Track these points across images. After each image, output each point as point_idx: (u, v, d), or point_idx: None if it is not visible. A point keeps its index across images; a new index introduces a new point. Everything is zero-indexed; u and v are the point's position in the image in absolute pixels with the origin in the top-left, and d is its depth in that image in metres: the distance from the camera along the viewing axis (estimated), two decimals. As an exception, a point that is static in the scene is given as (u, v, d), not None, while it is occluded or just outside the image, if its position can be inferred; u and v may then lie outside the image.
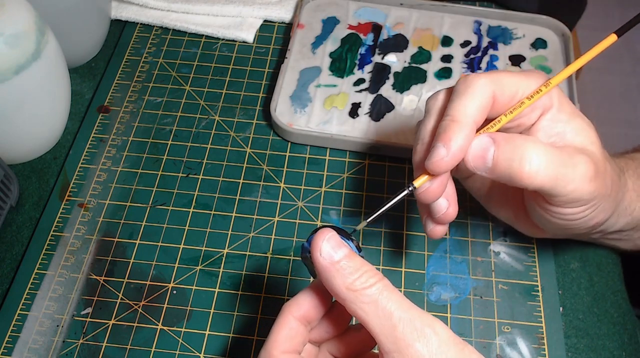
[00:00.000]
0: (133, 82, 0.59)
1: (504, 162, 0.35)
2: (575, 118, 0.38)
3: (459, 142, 0.35)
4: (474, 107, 0.35)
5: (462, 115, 0.35)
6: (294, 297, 0.34)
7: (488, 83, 0.36)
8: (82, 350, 0.44)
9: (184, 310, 0.46)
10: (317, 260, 0.31)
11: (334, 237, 0.31)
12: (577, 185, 0.36)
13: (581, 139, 0.37)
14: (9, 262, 0.48)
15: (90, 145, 0.55)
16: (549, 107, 0.37)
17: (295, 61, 0.59)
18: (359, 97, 0.57)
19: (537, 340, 0.45)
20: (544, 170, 0.35)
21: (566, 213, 0.38)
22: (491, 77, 0.36)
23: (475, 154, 0.36)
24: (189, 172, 0.53)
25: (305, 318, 0.33)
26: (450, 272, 0.48)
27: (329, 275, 0.31)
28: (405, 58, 0.60)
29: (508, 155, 0.35)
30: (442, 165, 0.35)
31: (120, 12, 0.63)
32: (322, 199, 0.51)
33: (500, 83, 0.36)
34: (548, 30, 0.62)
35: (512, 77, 0.37)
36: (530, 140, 0.35)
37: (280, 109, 0.56)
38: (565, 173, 0.35)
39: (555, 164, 0.35)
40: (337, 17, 0.63)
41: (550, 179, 0.35)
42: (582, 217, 0.38)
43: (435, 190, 0.37)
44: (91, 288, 0.47)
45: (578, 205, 0.37)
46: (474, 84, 0.36)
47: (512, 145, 0.35)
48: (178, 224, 0.50)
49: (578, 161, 0.36)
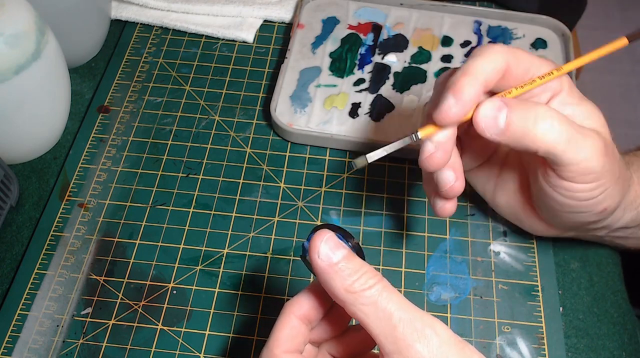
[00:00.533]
0: (133, 82, 0.59)
1: (517, 122, 0.35)
2: (584, 102, 0.38)
3: (468, 93, 0.35)
4: (486, 66, 0.36)
5: (474, 69, 0.35)
6: (294, 296, 0.33)
7: (504, 51, 0.36)
8: (82, 350, 0.44)
9: (184, 310, 0.46)
10: (315, 262, 0.31)
11: (331, 238, 0.31)
12: (589, 153, 0.36)
13: (591, 122, 0.38)
14: (9, 262, 0.48)
15: (90, 145, 0.55)
16: (558, 91, 0.38)
17: (295, 61, 0.59)
18: (359, 97, 0.57)
19: (537, 340, 0.45)
20: (558, 132, 0.35)
21: (576, 191, 0.37)
22: (508, 48, 0.37)
23: (486, 114, 0.35)
24: (189, 172, 0.53)
25: (307, 318, 0.33)
26: (450, 272, 0.48)
27: (327, 278, 0.30)
28: (405, 58, 0.60)
29: (522, 115, 0.35)
30: (450, 115, 0.35)
31: (120, 12, 0.63)
32: (322, 199, 0.51)
33: (515, 56, 0.37)
34: (548, 30, 0.62)
35: (528, 54, 0.37)
36: (542, 105, 0.36)
37: (280, 109, 0.56)
38: (578, 138, 0.35)
39: (569, 127, 0.35)
40: (337, 17, 0.63)
41: (562, 142, 0.35)
42: (591, 198, 0.38)
43: (439, 157, 0.37)
44: (91, 288, 0.47)
45: (588, 179, 0.37)
46: (490, 49, 0.36)
47: (526, 106, 0.35)
48: (178, 224, 0.50)
49: (590, 135, 0.36)
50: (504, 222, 0.49)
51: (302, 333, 0.33)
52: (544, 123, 0.35)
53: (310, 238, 0.31)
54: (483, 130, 0.36)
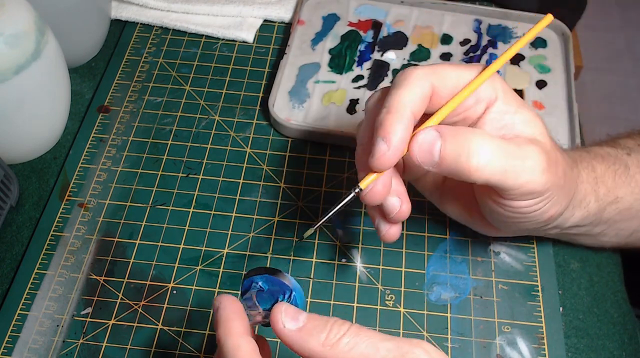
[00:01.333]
0: (133, 82, 0.59)
1: (451, 156, 0.34)
2: (522, 109, 0.37)
3: (398, 135, 0.34)
4: (410, 97, 0.35)
5: (399, 105, 0.34)
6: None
7: (426, 74, 0.35)
8: (82, 350, 0.44)
9: (184, 310, 0.46)
10: (282, 333, 0.31)
11: (288, 308, 0.31)
12: (529, 177, 0.35)
13: (530, 129, 0.36)
14: (9, 262, 0.48)
15: (90, 145, 0.55)
16: (493, 100, 0.36)
17: (295, 57, 0.60)
18: (357, 93, 0.57)
19: (537, 340, 0.45)
20: (493, 163, 0.34)
21: (519, 207, 0.37)
22: (430, 69, 0.36)
23: (421, 148, 0.35)
24: (189, 172, 0.53)
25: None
26: (450, 272, 0.48)
27: (300, 342, 0.30)
28: (405, 55, 0.60)
29: (455, 149, 0.34)
30: (385, 160, 0.34)
31: (120, 12, 0.63)
32: (322, 199, 0.51)
33: (440, 75, 0.35)
34: (548, 30, 0.62)
35: (453, 68, 0.36)
36: (477, 132, 0.34)
37: (279, 104, 0.56)
38: (515, 165, 0.34)
39: (504, 156, 0.34)
40: (337, 14, 0.63)
41: (499, 172, 0.34)
42: (536, 210, 0.37)
43: (380, 191, 0.36)
44: (91, 288, 0.47)
45: (531, 197, 0.36)
46: (412, 75, 0.35)
47: (459, 138, 0.34)
48: (178, 224, 0.50)
49: (529, 152, 0.35)
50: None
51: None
52: (477, 157, 0.34)
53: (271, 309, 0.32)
54: (420, 164, 0.35)
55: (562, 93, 0.58)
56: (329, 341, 0.30)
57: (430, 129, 0.35)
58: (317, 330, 0.30)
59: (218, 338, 0.31)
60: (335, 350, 0.29)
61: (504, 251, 0.49)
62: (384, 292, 0.47)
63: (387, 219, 0.39)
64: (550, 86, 0.58)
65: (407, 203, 0.38)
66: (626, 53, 1.70)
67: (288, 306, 0.32)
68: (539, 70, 0.59)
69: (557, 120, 0.56)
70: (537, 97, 0.57)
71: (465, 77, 0.36)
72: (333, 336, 0.30)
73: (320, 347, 0.30)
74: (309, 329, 0.30)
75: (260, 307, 0.34)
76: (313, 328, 0.30)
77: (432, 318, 0.45)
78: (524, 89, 0.58)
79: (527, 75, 0.59)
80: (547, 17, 0.38)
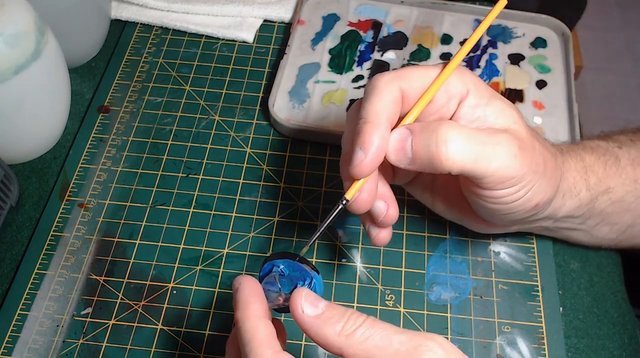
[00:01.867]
0: (133, 82, 0.59)
1: (421, 149, 0.35)
2: (494, 100, 0.37)
3: (375, 142, 0.35)
4: (382, 105, 0.35)
5: (374, 114, 0.35)
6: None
7: (392, 79, 0.36)
8: (82, 350, 0.44)
9: (184, 310, 0.46)
10: (301, 318, 0.31)
11: (309, 293, 0.32)
12: (502, 162, 0.35)
13: (503, 119, 0.37)
14: (9, 262, 0.48)
15: (90, 145, 0.55)
16: (465, 94, 0.37)
17: (295, 57, 0.60)
18: (357, 93, 0.57)
19: (537, 340, 0.45)
20: (463, 151, 0.34)
21: (500, 196, 0.37)
22: (395, 74, 0.36)
23: (394, 146, 0.36)
24: (189, 172, 0.53)
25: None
26: (450, 272, 0.48)
27: (317, 329, 0.31)
28: (405, 55, 0.60)
29: (425, 141, 0.35)
30: (363, 168, 0.35)
31: (120, 12, 0.63)
32: (322, 199, 0.51)
33: (406, 78, 0.36)
34: (548, 30, 0.62)
35: (419, 70, 0.37)
36: (445, 123, 0.35)
37: (279, 104, 0.56)
38: (485, 151, 0.35)
39: (473, 144, 0.35)
40: (337, 14, 0.63)
41: (470, 160, 0.34)
42: (518, 198, 0.37)
43: (365, 199, 0.37)
44: (91, 288, 0.47)
45: (508, 184, 0.36)
46: (379, 83, 0.36)
47: (428, 130, 0.35)
48: (178, 224, 0.50)
49: (499, 139, 0.35)
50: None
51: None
52: (446, 146, 0.34)
53: (291, 292, 0.33)
54: (396, 163, 0.36)
55: (562, 93, 0.58)
56: (345, 331, 0.30)
57: (401, 128, 0.36)
58: (335, 320, 0.30)
59: (236, 320, 0.32)
60: (350, 341, 0.30)
61: (504, 251, 0.49)
62: (384, 292, 0.47)
63: (376, 224, 0.40)
64: (550, 86, 0.58)
65: (394, 207, 0.39)
66: (626, 53, 1.70)
67: (309, 292, 0.32)
68: (539, 70, 0.59)
69: (557, 120, 0.56)
70: (537, 97, 0.57)
71: (430, 75, 0.37)
72: (349, 327, 0.30)
73: (335, 336, 0.30)
74: (327, 317, 0.31)
75: (280, 292, 0.34)
76: (331, 317, 0.31)
77: (432, 318, 0.45)
78: (524, 89, 0.58)
79: (527, 75, 0.59)
80: (500, 2, 0.38)
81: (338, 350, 0.30)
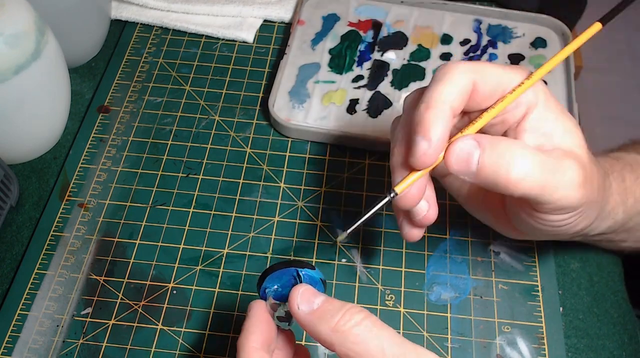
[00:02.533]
0: (133, 82, 0.59)
1: (489, 168, 0.33)
2: (563, 118, 0.36)
3: (438, 132, 0.33)
4: (450, 92, 0.34)
5: (438, 100, 0.33)
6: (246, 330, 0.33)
7: (468, 70, 0.34)
8: (82, 350, 0.44)
9: (184, 310, 0.46)
10: (297, 314, 0.31)
11: (307, 289, 0.31)
12: (566, 192, 0.34)
13: (569, 141, 0.35)
14: (9, 262, 0.48)
15: (90, 145, 0.55)
16: (534, 105, 0.35)
17: (295, 57, 0.60)
18: (357, 93, 0.57)
19: (537, 340, 0.45)
20: (532, 177, 0.33)
21: (552, 220, 0.36)
22: (472, 65, 0.35)
23: (459, 157, 0.34)
24: (189, 172, 0.53)
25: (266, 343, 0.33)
26: (450, 272, 0.48)
27: (311, 325, 0.30)
28: (405, 55, 0.60)
29: (494, 160, 0.33)
30: (427, 158, 0.33)
31: (120, 12, 0.63)
32: (322, 199, 0.51)
33: (482, 72, 0.35)
34: (548, 30, 0.62)
35: (495, 67, 0.35)
36: (517, 144, 0.34)
37: (279, 105, 0.56)
38: (553, 180, 0.34)
39: (543, 170, 0.33)
40: (337, 14, 0.63)
41: (537, 186, 0.33)
42: (568, 224, 0.37)
43: (414, 195, 0.35)
44: (91, 288, 0.47)
45: (565, 212, 0.36)
46: (453, 69, 0.34)
47: (498, 149, 0.33)
48: (178, 224, 0.50)
49: (567, 167, 0.34)
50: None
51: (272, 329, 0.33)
52: (517, 170, 0.33)
53: (288, 292, 0.32)
54: (456, 173, 0.34)
55: (562, 93, 0.58)
56: (339, 327, 0.29)
57: (468, 138, 0.34)
58: (330, 314, 0.30)
59: (237, 345, 0.32)
60: (342, 339, 0.29)
61: (504, 251, 0.49)
62: (384, 292, 0.47)
63: (410, 221, 0.39)
64: (550, 86, 0.58)
65: (434, 209, 0.38)
66: (626, 53, 1.70)
67: (306, 289, 0.31)
68: (539, 70, 0.59)
69: (557, 120, 0.55)
70: (537, 97, 0.57)
71: (505, 78, 0.35)
72: (344, 323, 0.29)
73: (329, 331, 0.29)
74: (322, 312, 0.30)
75: (281, 303, 0.34)
76: (326, 312, 0.30)
77: (432, 318, 0.45)
78: (524, 89, 0.58)
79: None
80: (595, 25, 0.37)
81: (330, 346, 0.30)
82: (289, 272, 0.33)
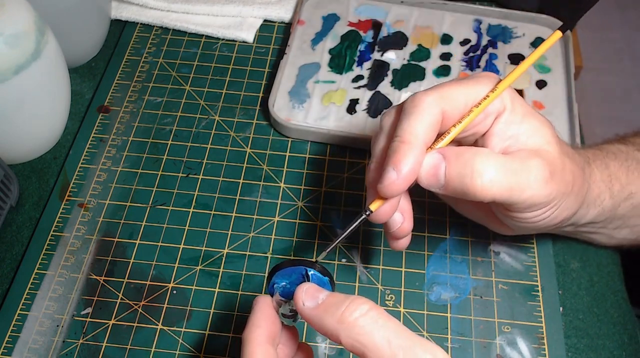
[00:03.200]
0: (133, 82, 0.59)
1: (456, 178, 0.35)
2: (528, 118, 0.37)
3: (409, 165, 0.34)
4: (422, 127, 0.35)
5: (411, 136, 0.35)
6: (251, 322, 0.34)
7: (435, 101, 0.36)
8: (82, 350, 0.44)
9: (184, 310, 0.46)
10: (302, 310, 0.31)
11: (311, 286, 0.32)
12: (533, 191, 0.35)
13: (536, 139, 0.37)
14: (9, 262, 0.48)
15: (90, 145, 0.55)
16: (502, 111, 0.37)
17: (295, 57, 0.60)
18: (357, 93, 0.57)
19: (537, 340, 0.45)
20: (498, 183, 0.34)
21: (528, 217, 0.38)
22: (439, 94, 0.36)
23: (427, 172, 0.35)
24: (189, 172, 0.53)
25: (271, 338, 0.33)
26: (450, 272, 0.48)
27: (317, 318, 0.30)
28: (405, 55, 0.60)
29: (459, 171, 0.35)
30: (393, 188, 0.35)
31: (120, 12, 0.63)
32: (322, 199, 0.51)
33: (448, 98, 0.36)
34: (548, 30, 0.62)
35: (460, 87, 0.36)
36: (480, 153, 0.35)
37: (279, 104, 0.56)
38: (519, 180, 0.35)
39: (507, 173, 0.35)
40: (337, 13, 0.63)
41: (504, 190, 0.35)
42: (545, 218, 0.38)
43: (386, 212, 0.37)
44: (91, 288, 0.47)
45: (537, 208, 0.37)
46: (422, 103, 0.36)
47: (463, 159, 0.35)
48: (178, 224, 0.50)
49: (532, 166, 0.35)
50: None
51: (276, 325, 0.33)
52: (481, 177, 0.34)
53: (277, 284, 0.34)
54: (427, 187, 0.36)
55: (562, 93, 0.58)
56: (345, 318, 0.29)
57: (435, 152, 0.36)
58: (335, 307, 0.30)
59: (242, 339, 0.32)
60: (348, 330, 0.29)
61: (504, 251, 0.49)
62: (384, 292, 0.47)
63: (387, 232, 0.40)
64: (550, 86, 0.58)
65: (409, 221, 0.39)
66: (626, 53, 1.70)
67: (310, 286, 0.32)
68: (539, 70, 0.59)
69: (557, 120, 0.55)
70: (537, 97, 0.57)
71: (472, 95, 0.36)
72: (349, 313, 0.30)
73: (335, 323, 0.30)
74: (327, 305, 0.30)
75: (287, 301, 0.34)
76: (331, 305, 0.30)
77: (432, 318, 0.45)
78: (524, 89, 0.58)
79: (527, 75, 0.59)
80: (555, 33, 0.38)
81: (336, 338, 0.30)
82: (298, 271, 0.34)
